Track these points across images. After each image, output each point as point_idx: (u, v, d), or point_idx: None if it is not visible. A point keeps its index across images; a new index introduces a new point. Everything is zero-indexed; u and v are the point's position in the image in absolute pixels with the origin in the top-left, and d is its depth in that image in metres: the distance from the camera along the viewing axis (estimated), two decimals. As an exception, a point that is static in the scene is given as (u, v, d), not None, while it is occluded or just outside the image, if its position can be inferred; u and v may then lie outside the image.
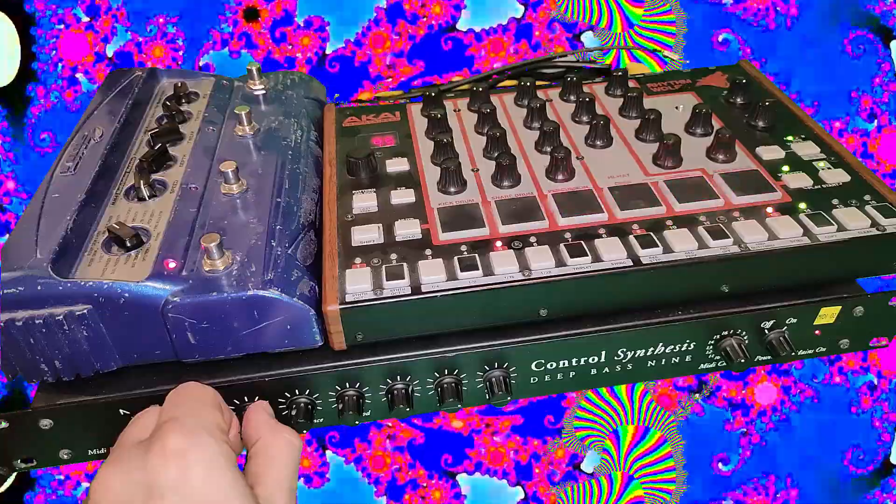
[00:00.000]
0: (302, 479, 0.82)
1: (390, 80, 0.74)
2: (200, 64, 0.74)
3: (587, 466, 0.84)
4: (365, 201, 0.44)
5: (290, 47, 0.74)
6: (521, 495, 0.84)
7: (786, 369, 0.83)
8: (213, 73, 0.73)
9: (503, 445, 0.84)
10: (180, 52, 0.73)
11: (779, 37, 0.74)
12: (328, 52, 0.74)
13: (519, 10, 0.73)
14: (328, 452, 0.83)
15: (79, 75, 0.73)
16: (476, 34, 0.74)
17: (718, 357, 0.41)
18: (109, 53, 0.73)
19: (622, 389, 0.82)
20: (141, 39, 0.73)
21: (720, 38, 0.75)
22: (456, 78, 0.73)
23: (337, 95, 0.60)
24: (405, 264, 0.38)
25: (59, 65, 0.73)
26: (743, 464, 0.85)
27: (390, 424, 0.81)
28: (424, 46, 0.74)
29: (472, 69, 0.75)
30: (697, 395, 0.83)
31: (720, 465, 0.85)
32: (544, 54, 0.75)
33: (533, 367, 0.40)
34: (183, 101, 0.54)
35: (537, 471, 0.84)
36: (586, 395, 0.82)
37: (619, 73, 0.55)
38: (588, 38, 0.76)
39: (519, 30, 0.74)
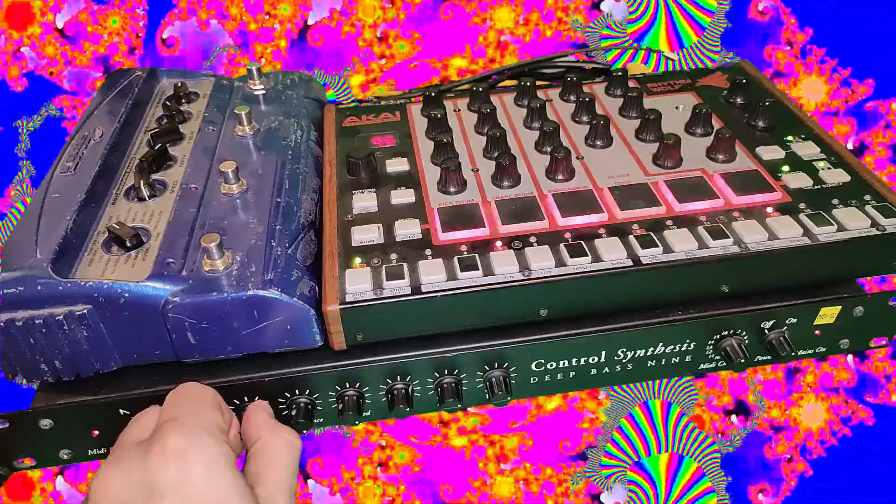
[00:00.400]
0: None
1: (383, 61, 0.86)
2: (163, 36, 0.84)
3: (609, 501, 0.95)
4: (365, 201, 0.55)
5: (267, 17, 0.85)
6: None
7: (835, 387, 0.92)
8: (179, 46, 0.86)
9: (510, 473, 0.93)
10: (140, 23, 0.81)
11: (827, 4, 0.84)
12: (310, 22, 0.83)
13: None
14: (310, 482, 0.92)
15: (25, 49, 0.81)
16: (480, 3, 0.84)
17: (718, 357, 0.52)
18: (59, 24, 0.82)
19: (657, 412, 0.94)
20: (96, 7, 0.80)
21: (759, 7, 0.88)
22: (457, 60, 0.86)
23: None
24: (405, 264, 0.49)
25: (2, 37, 0.81)
26: (787, 495, 0.94)
27: (383, 444, 0.93)
28: (421, 16, 0.83)
29: (475, 45, 0.86)
30: (735, 418, 0.93)
31: (760, 496, 0.94)
32: (561, 23, 0.88)
33: (533, 367, 0.51)
34: (183, 101, 0.66)
35: (549, 504, 0.95)
36: (619, 423, 0.93)
37: (619, 73, 0.67)
38: (609, 5, 0.89)
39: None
